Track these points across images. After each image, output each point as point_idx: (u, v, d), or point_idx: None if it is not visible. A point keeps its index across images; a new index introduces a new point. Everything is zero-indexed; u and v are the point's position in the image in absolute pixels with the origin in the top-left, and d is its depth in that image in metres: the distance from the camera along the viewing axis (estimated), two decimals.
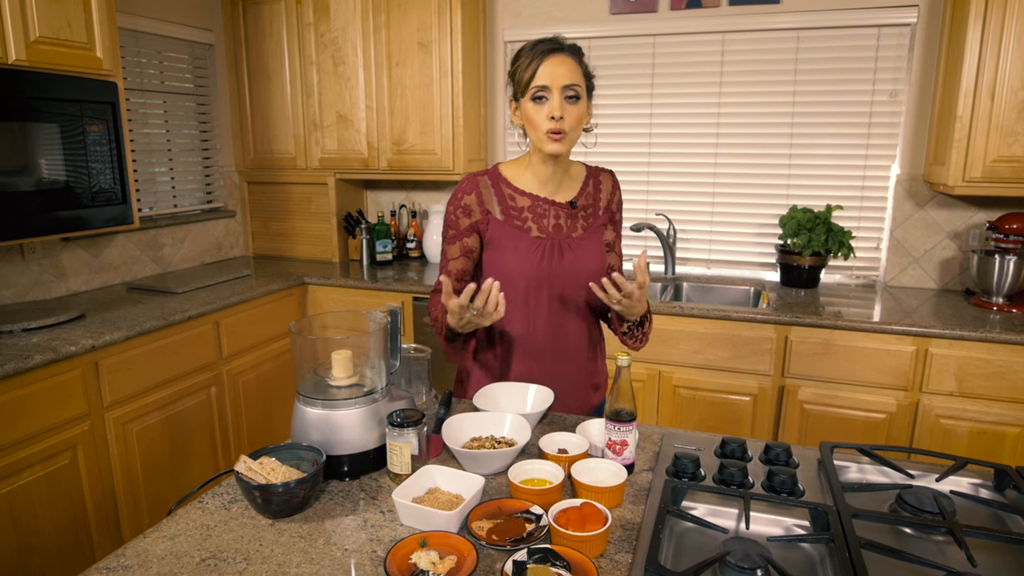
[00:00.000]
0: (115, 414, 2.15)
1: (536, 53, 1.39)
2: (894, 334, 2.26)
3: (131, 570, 0.94)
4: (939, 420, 2.25)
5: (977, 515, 1.08)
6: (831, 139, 2.81)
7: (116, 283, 2.83)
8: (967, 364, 2.20)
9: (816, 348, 2.35)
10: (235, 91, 3.38)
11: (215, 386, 2.57)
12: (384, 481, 1.19)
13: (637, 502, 1.12)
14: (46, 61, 2.05)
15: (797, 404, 2.40)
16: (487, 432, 1.29)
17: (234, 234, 3.51)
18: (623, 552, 0.98)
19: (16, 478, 1.86)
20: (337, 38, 3.11)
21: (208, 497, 1.14)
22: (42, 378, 1.91)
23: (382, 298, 2.97)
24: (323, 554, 0.98)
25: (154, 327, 2.26)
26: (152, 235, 3.00)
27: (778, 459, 1.22)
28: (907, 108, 2.68)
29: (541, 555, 0.93)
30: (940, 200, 2.69)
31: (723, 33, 2.87)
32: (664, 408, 2.59)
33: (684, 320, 2.50)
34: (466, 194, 1.49)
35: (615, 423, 1.18)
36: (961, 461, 1.18)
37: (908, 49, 2.64)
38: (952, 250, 2.71)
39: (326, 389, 1.21)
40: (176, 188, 3.21)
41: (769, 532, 1.02)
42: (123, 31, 2.79)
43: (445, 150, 3.05)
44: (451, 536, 0.98)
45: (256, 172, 3.46)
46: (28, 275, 2.47)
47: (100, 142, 2.24)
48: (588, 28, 3.04)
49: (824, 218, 2.69)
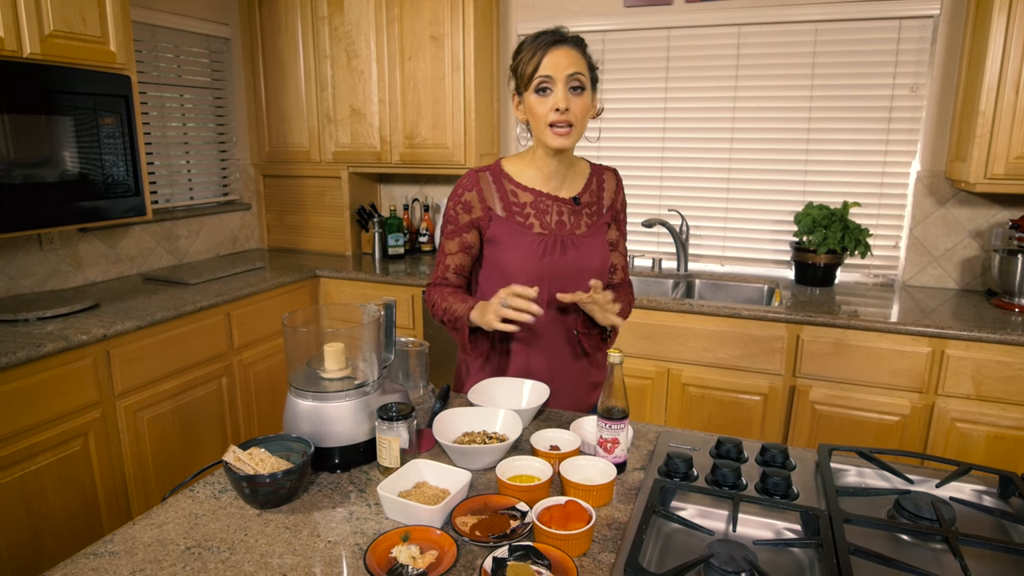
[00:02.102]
0: (126, 402, 2.19)
1: (539, 44, 1.37)
2: (909, 334, 2.20)
3: (117, 556, 0.95)
4: (955, 424, 2.19)
5: (978, 524, 1.04)
6: (849, 134, 2.74)
7: (132, 274, 2.88)
8: (985, 367, 2.13)
9: (828, 348, 2.30)
10: (251, 84, 3.41)
11: (226, 376, 2.60)
12: (374, 474, 1.19)
13: (626, 501, 1.11)
14: (60, 55, 2.09)
15: (808, 405, 2.36)
16: (479, 427, 1.29)
17: (249, 226, 3.55)
18: (607, 552, 0.97)
19: (29, 463, 1.90)
20: (351, 32, 3.12)
21: (200, 486, 1.15)
22: (54, 366, 1.95)
23: (393, 292, 2.98)
24: (306, 545, 0.98)
25: (165, 317, 2.30)
26: (168, 227, 3.04)
27: (774, 461, 1.20)
28: (928, 103, 2.61)
29: (522, 552, 0.92)
30: (962, 198, 2.62)
31: (739, 26, 2.81)
32: (673, 406, 2.56)
33: (694, 317, 2.46)
34: (467, 190, 1.48)
35: (607, 421, 1.17)
36: (964, 467, 1.14)
37: (930, 42, 2.56)
38: (974, 249, 2.63)
39: (318, 381, 1.21)
40: (193, 181, 3.26)
41: (758, 535, 1.00)
42: (141, 25, 2.83)
43: (457, 144, 3.04)
44: (433, 531, 0.97)
45: (271, 165, 3.49)
46: (46, 265, 2.52)
47: (114, 134, 2.28)
48: (602, 21, 3.01)
49: (840, 215, 2.63)
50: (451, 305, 1.46)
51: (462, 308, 1.44)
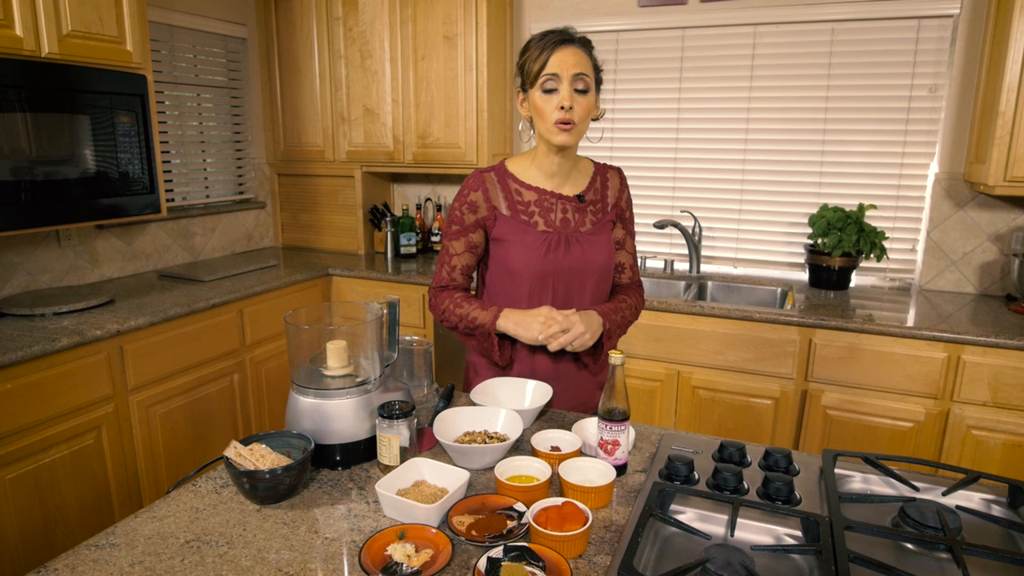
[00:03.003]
0: (139, 397, 2.22)
1: (547, 43, 1.38)
2: (924, 339, 2.16)
3: (118, 548, 0.97)
4: (971, 431, 2.15)
5: (986, 533, 1.02)
6: (866, 135, 2.70)
7: (148, 270, 2.92)
8: (1003, 373, 2.09)
9: (841, 352, 2.27)
10: (267, 84, 3.44)
11: (238, 373, 2.63)
12: (375, 472, 1.20)
13: (626, 504, 1.10)
14: (78, 54, 2.12)
15: (820, 409, 2.33)
16: (481, 427, 1.29)
17: (264, 225, 3.59)
18: (603, 554, 0.96)
19: (42, 455, 1.94)
20: (365, 32, 3.13)
21: (202, 481, 1.17)
22: (69, 360, 1.99)
23: (404, 291, 2.99)
24: (303, 541, 0.99)
25: (179, 314, 2.33)
26: (184, 224, 3.08)
27: (777, 465, 1.18)
28: (948, 104, 2.56)
29: (517, 553, 0.91)
30: (981, 200, 2.56)
31: (755, 25, 2.78)
32: (683, 409, 2.54)
33: (704, 320, 2.44)
34: (472, 191, 1.48)
35: (607, 422, 1.16)
36: (973, 475, 1.12)
37: (950, 42, 2.52)
38: (993, 253, 2.58)
39: (320, 378, 1.22)
40: (209, 179, 3.30)
41: (757, 540, 0.98)
42: (158, 25, 2.87)
43: (469, 144, 3.05)
44: (429, 529, 0.97)
45: (286, 164, 3.52)
46: (64, 261, 2.57)
47: (129, 133, 2.31)
48: (616, 21, 2.99)
49: (856, 217, 2.59)
50: (469, 312, 1.46)
51: (484, 316, 1.44)
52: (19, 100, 2.00)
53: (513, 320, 1.41)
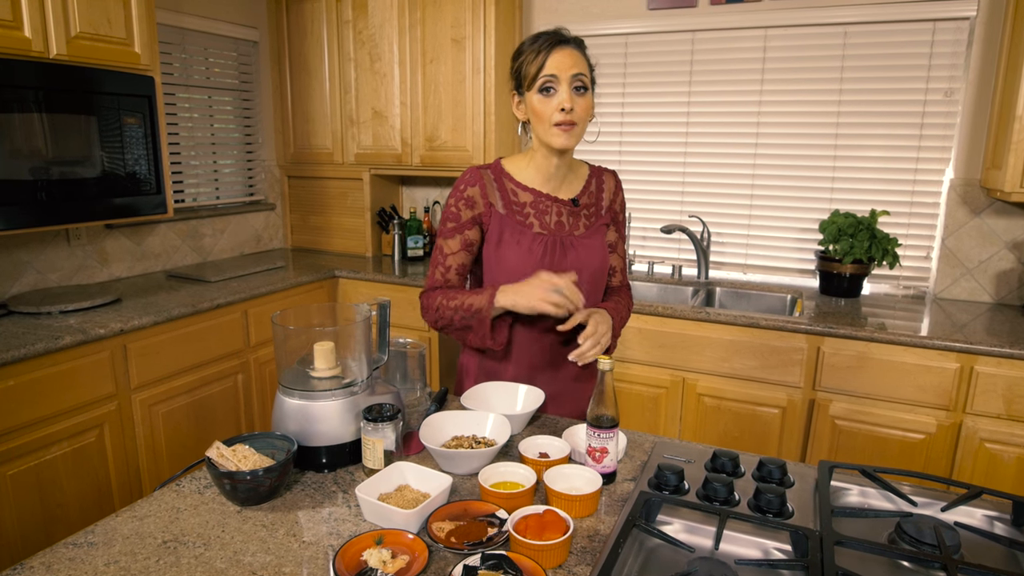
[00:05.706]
0: (142, 396, 2.23)
1: (542, 45, 1.36)
2: (936, 349, 2.10)
3: (95, 547, 0.96)
4: (984, 444, 2.08)
5: (986, 552, 0.98)
6: (879, 140, 2.65)
7: (156, 270, 2.95)
8: (1018, 385, 2.03)
9: (850, 361, 2.22)
10: (277, 87, 3.47)
11: (241, 373, 2.64)
12: (360, 475, 1.18)
13: (612, 513, 1.07)
14: (86, 56, 2.15)
15: (828, 419, 2.27)
16: (470, 431, 1.27)
17: (273, 226, 3.61)
18: (584, 564, 0.93)
19: (44, 452, 1.95)
20: (374, 35, 3.14)
21: (186, 481, 1.16)
22: (72, 358, 2.00)
23: (410, 293, 2.99)
24: (280, 544, 0.97)
25: (183, 313, 2.34)
26: (193, 225, 3.11)
27: (771, 476, 1.15)
28: (964, 108, 2.50)
29: (495, 562, 0.89)
30: (998, 207, 2.50)
31: (765, 28, 2.74)
32: (688, 416, 2.50)
33: (710, 326, 2.40)
34: (469, 186, 1.46)
35: (596, 429, 1.13)
36: (975, 490, 1.08)
37: (966, 45, 2.46)
38: (1010, 262, 2.51)
39: (306, 380, 1.21)
40: (220, 180, 3.32)
41: (744, 554, 0.95)
42: (170, 28, 2.91)
43: (476, 147, 3.04)
44: (407, 535, 0.96)
45: (296, 166, 3.54)
46: (73, 260, 2.60)
47: (137, 134, 2.33)
48: (625, 24, 2.97)
49: (868, 224, 2.54)
50: (464, 300, 1.40)
51: (480, 300, 1.38)
52: (28, 101, 2.02)
53: (512, 291, 1.35)
